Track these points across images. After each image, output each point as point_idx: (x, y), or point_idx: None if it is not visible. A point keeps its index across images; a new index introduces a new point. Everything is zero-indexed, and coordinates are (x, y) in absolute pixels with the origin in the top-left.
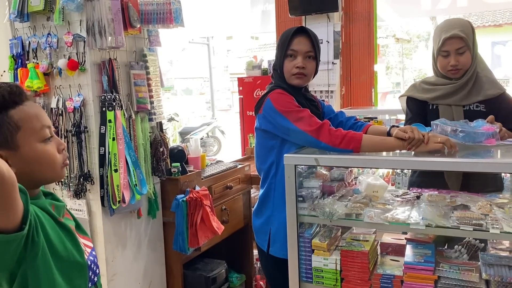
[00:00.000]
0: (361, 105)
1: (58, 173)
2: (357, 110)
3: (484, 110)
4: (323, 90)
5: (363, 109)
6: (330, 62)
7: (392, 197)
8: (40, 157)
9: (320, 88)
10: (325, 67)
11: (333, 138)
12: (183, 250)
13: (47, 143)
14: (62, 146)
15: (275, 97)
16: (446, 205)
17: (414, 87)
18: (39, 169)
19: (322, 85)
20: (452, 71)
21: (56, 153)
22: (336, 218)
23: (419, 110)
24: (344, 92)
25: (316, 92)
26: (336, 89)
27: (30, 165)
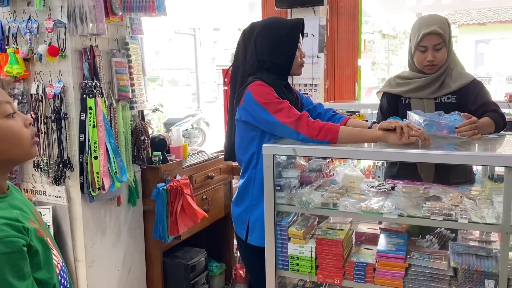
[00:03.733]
0: (345, 99)
1: (27, 149)
2: (341, 104)
3: (455, 101)
4: (307, 83)
5: (346, 103)
6: (315, 56)
7: (368, 188)
8: (4, 133)
9: (304, 81)
10: (310, 61)
11: (311, 130)
12: (163, 238)
13: (10, 118)
14: (29, 121)
15: (255, 88)
16: (419, 196)
17: (389, 83)
18: (6, 146)
19: (307, 78)
20: (428, 67)
21: (23, 128)
22: (312, 207)
23: (392, 105)
24: (328, 86)
25: (300, 85)
26: (320, 83)
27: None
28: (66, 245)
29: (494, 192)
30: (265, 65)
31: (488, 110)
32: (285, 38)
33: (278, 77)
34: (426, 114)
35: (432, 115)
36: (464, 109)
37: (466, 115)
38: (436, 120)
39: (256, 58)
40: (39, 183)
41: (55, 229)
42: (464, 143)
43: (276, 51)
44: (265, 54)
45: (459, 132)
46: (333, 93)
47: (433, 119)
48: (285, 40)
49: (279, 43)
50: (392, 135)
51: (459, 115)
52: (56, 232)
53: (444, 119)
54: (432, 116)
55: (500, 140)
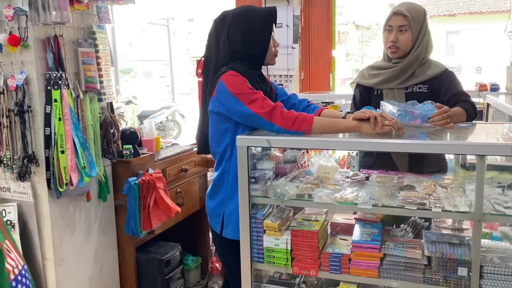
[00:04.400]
0: (320, 90)
1: None
2: (316, 95)
3: (426, 91)
4: (282, 74)
5: (321, 94)
6: (290, 47)
7: (343, 178)
8: None
9: (279, 72)
10: (285, 52)
11: (285, 120)
12: (136, 233)
13: None
14: None
15: (228, 79)
16: (393, 186)
17: (362, 74)
18: None
19: (282, 69)
20: (391, 49)
21: None
22: (287, 199)
23: (365, 96)
24: (303, 76)
25: (275, 76)
26: (295, 74)
27: None
28: (34, 243)
29: (466, 180)
30: (238, 55)
31: (460, 100)
32: (258, 27)
33: (252, 67)
34: (400, 104)
35: (406, 105)
36: (436, 99)
37: (439, 105)
38: (410, 110)
39: (229, 48)
40: (2, 179)
41: (21, 228)
42: (437, 132)
43: (250, 40)
44: (238, 44)
45: (432, 122)
46: (308, 84)
47: (407, 109)
48: (258, 29)
49: (252, 32)
50: (366, 125)
51: (431, 105)
52: (22, 231)
53: (417, 109)
54: (405, 106)
55: (472, 129)
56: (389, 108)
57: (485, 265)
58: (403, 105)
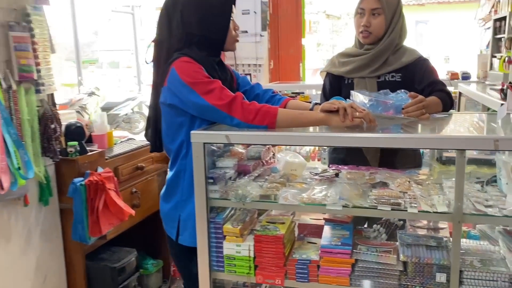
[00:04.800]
0: (290, 80)
1: None
2: (285, 85)
3: (400, 80)
4: (251, 63)
5: (291, 84)
6: (258, 34)
7: (311, 175)
8: None
9: (248, 61)
10: (253, 40)
11: (246, 113)
12: (84, 240)
13: None
14: None
15: (180, 66)
16: (364, 183)
17: (332, 62)
18: None
19: (250, 58)
20: (363, 34)
21: None
22: (249, 201)
23: (335, 85)
24: (272, 66)
25: (244, 65)
26: (264, 63)
27: None
28: None
29: (443, 176)
30: (194, 39)
31: (435, 90)
32: (217, 8)
33: (210, 53)
34: (372, 93)
35: (378, 94)
36: (410, 88)
37: (413, 94)
38: (382, 100)
39: (183, 31)
40: None
41: None
42: (411, 124)
43: (207, 23)
44: (193, 27)
45: (406, 113)
46: (277, 74)
47: (379, 99)
48: (217, 10)
49: (210, 13)
50: (335, 117)
51: (405, 94)
52: None
53: (390, 98)
54: (377, 96)
55: (448, 120)
56: (360, 98)
57: (465, 270)
58: (375, 95)
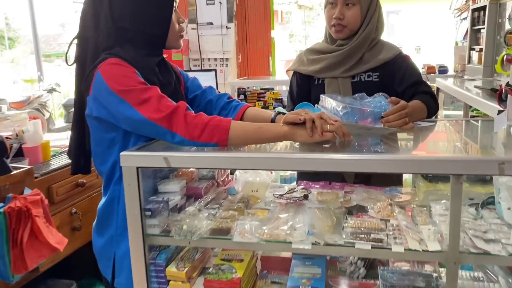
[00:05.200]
0: (259, 75)
1: None
2: (254, 81)
3: (377, 80)
4: (217, 57)
5: (260, 80)
6: (224, 26)
7: (275, 198)
8: None
9: (213, 55)
10: (219, 32)
11: (191, 128)
12: (5, 278)
13: None
14: None
15: (107, 70)
16: (338, 208)
17: (299, 59)
18: None
19: (216, 52)
20: (336, 27)
21: None
22: (197, 238)
23: (304, 86)
24: (240, 60)
25: (209, 60)
26: (231, 57)
27: None
28: None
29: (430, 197)
30: (127, 35)
31: (418, 92)
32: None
33: (148, 51)
34: (345, 98)
35: (352, 100)
36: (389, 90)
37: (394, 100)
38: (358, 107)
39: (113, 25)
40: None
41: None
42: (393, 136)
43: (143, 14)
44: (126, 20)
45: (386, 122)
46: (246, 68)
47: (354, 105)
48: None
49: (147, 3)
50: (300, 131)
51: (384, 99)
52: None
53: (367, 105)
54: (352, 102)
55: (436, 130)
56: (331, 104)
57: None
58: (349, 101)
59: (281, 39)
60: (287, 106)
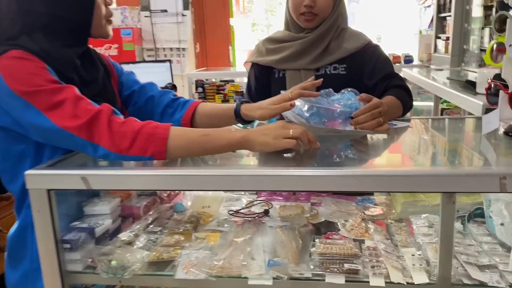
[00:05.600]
0: (219, 66)
1: None
2: (214, 72)
3: (344, 73)
4: (173, 47)
5: (220, 71)
6: (180, 14)
7: (230, 215)
8: None
9: (169, 44)
10: (174, 20)
11: (118, 138)
12: None
13: None
14: None
15: (7, 65)
16: (304, 226)
17: (258, 49)
18: None
19: (172, 41)
20: (306, 16)
21: None
22: (129, 275)
23: (263, 80)
24: (198, 49)
25: (165, 49)
26: (189, 47)
27: None
28: None
29: (409, 209)
30: (38, 21)
31: (391, 86)
32: None
33: (67, 41)
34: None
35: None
36: (358, 85)
37: (365, 96)
38: (325, 106)
39: (18, 9)
40: None
41: None
42: (364, 140)
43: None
44: (36, 1)
45: (357, 124)
46: (204, 59)
47: (321, 105)
48: None
49: None
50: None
51: (354, 95)
52: None
53: (335, 103)
54: (319, 100)
55: (413, 131)
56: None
57: None
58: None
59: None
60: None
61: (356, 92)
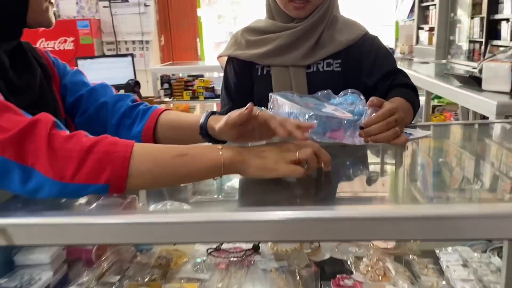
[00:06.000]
0: (186, 59)
1: None
2: (181, 67)
3: (339, 69)
4: (135, 40)
5: (187, 66)
6: (142, 4)
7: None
8: None
9: (131, 37)
10: (136, 10)
11: (60, 160)
12: None
13: None
14: None
15: None
16: (306, 266)
17: (235, 41)
18: None
19: (134, 33)
20: (296, 4)
21: None
22: None
23: (243, 78)
24: (163, 42)
25: (126, 43)
26: (153, 39)
27: None
28: None
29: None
30: None
31: (395, 85)
32: None
33: None
34: (306, 98)
35: (316, 101)
36: (356, 83)
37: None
38: (329, 114)
39: None
40: None
41: None
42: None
43: None
44: None
45: (368, 135)
46: (170, 52)
47: (322, 110)
48: None
49: None
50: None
51: (358, 98)
52: None
53: (340, 108)
54: (317, 105)
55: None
56: (291, 110)
57: None
58: (312, 102)
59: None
60: (221, 105)
61: (358, 94)
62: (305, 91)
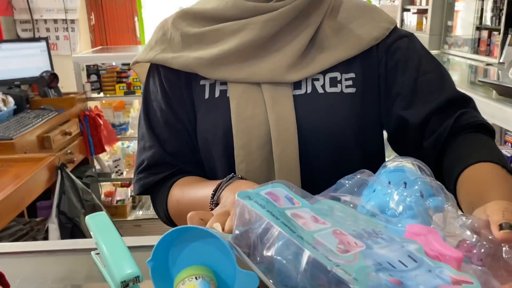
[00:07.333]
0: (122, 43)
1: None
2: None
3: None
4: (58, 19)
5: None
6: None
7: None
8: None
9: (52, 15)
10: None
11: None
12: None
13: None
14: None
15: None
16: None
17: (164, 37)
18: None
19: (56, 10)
20: None
21: None
22: None
23: (179, 104)
24: (94, 21)
25: (46, 22)
26: (80, 18)
27: None
28: None
29: None
30: None
31: (464, 126)
32: None
33: None
34: (323, 202)
35: (353, 212)
36: (378, 115)
37: (490, 223)
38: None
39: None
40: None
41: None
42: None
43: None
44: None
45: None
46: (102, 34)
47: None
48: None
49: None
50: None
51: (425, 182)
52: None
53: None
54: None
55: None
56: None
57: None
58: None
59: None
60: (139, 144)
61: (425, 170)
62: (292, 135)
